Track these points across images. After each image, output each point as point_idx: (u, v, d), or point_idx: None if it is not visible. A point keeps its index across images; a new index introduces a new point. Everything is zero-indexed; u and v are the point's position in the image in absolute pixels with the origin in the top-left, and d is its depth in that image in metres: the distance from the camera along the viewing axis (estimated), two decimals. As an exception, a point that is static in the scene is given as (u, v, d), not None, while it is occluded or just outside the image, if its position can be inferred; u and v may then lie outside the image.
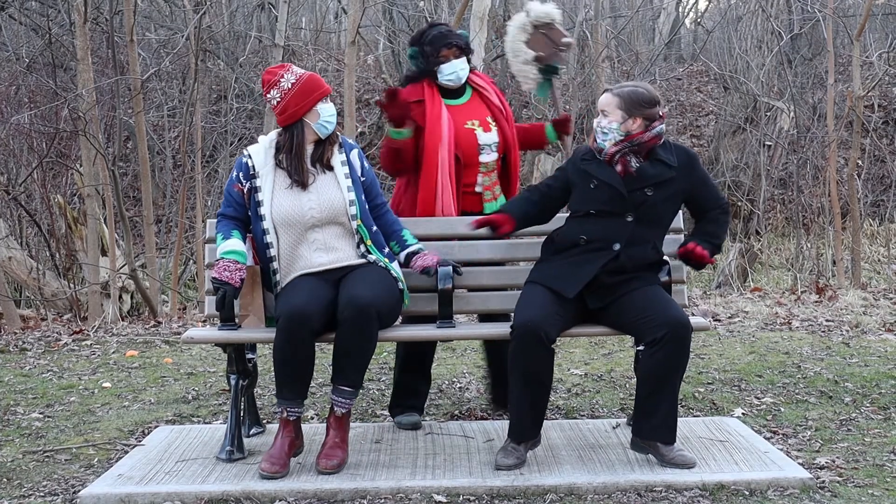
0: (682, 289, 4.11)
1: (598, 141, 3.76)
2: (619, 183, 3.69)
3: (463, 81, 4.21)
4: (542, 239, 3.96)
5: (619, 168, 3.71)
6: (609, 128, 3.71)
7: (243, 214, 3.84)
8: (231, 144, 11.09)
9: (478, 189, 4.18)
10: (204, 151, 9.64)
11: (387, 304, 3.69)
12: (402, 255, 3.94)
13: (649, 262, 3.78)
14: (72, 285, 8.28)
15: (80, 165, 8.02)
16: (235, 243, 3.77)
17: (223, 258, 3.71)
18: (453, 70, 4.14)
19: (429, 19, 11.08)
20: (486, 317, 4.33)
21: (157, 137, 10.52)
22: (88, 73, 7.73)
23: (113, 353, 6.31)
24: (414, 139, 4.10)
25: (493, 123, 4.21)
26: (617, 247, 3.69)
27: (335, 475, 3.60)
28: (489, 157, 4.18)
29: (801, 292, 8.21)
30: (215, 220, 3.93)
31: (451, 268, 3.85)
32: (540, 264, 3.86)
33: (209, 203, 9.57)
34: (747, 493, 3.43)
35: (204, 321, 6.67)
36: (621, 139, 3.70)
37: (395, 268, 3.85)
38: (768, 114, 11.55)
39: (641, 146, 3.72)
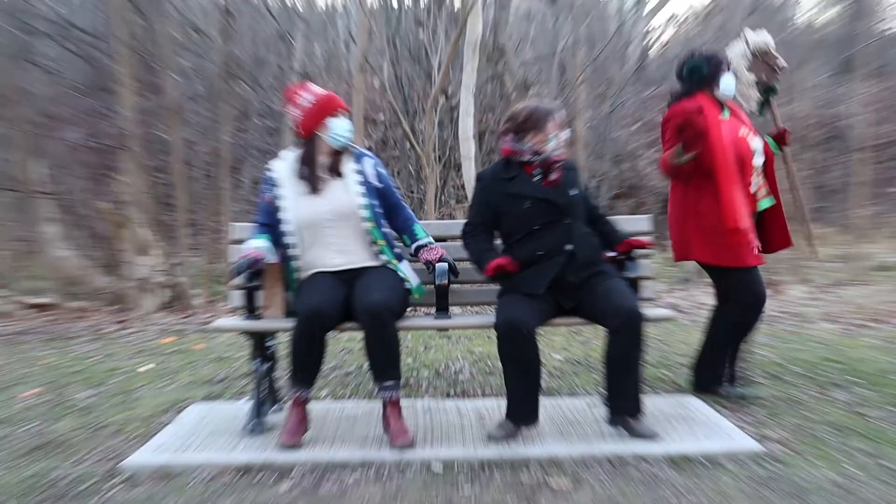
0: (649, 284, 4.12)
1: (550, 150, 3.70)
2: (550, 195, 3.68)
3: (730, 94, 4.15)
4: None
5: (554, 176, 3.71)
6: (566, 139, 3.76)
7: (272, 221, 3.85)
8: (254, 157, 11.09)
9: (752, 189, 4.12)
10: (230, 164, 9.62)
11: (398, 302, 3.68)
12: (413, 247, 3.93)
13: (597, 248, 3.79)
14: (116, 281, 8.27)
15: (124, 175, 8.02)
16: (258, 241, 3.79)
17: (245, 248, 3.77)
18: (729, 83, 4.11)
19: (427, 48, 11.07)
20: None
21: (190, 151, 10.49)
22: (130, 96, 7.74)
23: (152, 340, 6.32)
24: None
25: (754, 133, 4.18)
26: (569, 247, 3.68)
27: (345, 447, 3.61)
28: (759, 160, 4.14)
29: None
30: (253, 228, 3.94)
31: (446, 265, 3.84)
32: (505, 280, 3.76)
33: (234, 208, 9.56)
34: (705, 461, 3.44)
35: (231, 312, 6.68)
36: (560, 151, 3.72)
37: (401, 268, 3.85)
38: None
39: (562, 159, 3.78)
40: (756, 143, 4.12)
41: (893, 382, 4.65)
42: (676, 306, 7.20)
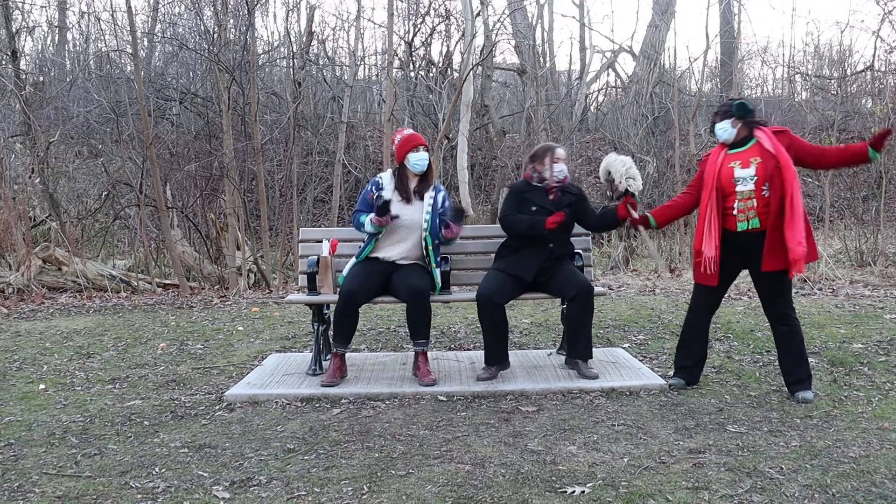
0: (590, 269, 4.10)
1: (556, 176, 3.64)
2: (549, 205, 3.65)
3: (723, 138, 3.33)
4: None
5: (552, 196, 3.68)
6: (565, 171, 3.69)
7: (368, 210, 3.71)
8: (314, 183, 11.03)
9: (734, 212, 3.27)
10: (298, 187, 9.58)
11: (429, 287, 3.63)
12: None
13: (568, 250, 3.76)
14: (219, 268, 8.26)
15: (225, 195, 8.01)
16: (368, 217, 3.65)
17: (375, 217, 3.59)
18: (719, 130, 3.34)
19: (435, 106, 11.02)
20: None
21: (270, 178, 10.47)
22: (230, 140, 7.71)
23: (244, 309, 6.31)
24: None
25: (756, 161, 3.23)
26: (551, 245, 3.66)
27: (378, 384, 3.59)
28: (744, 186, 3.23)
29: (661, 272, 8.22)
30: (353, 214, 3.79)
31: (448, 262, 3.78)
32: (499, 260, 3.76)
33: (300, 218, 9.54)
34: (628, 393, 3.44)
35: (298, 290, 6.66)
36: (562, 178, 3.68)
37: (435, 273, 3.73)
38: (640, 164, 11.51)
39: (563, 184, 3.71)
40: (743, 172, 3.26)
41: (755, 337, 4.64)
42: (609, 286, 7.17)
